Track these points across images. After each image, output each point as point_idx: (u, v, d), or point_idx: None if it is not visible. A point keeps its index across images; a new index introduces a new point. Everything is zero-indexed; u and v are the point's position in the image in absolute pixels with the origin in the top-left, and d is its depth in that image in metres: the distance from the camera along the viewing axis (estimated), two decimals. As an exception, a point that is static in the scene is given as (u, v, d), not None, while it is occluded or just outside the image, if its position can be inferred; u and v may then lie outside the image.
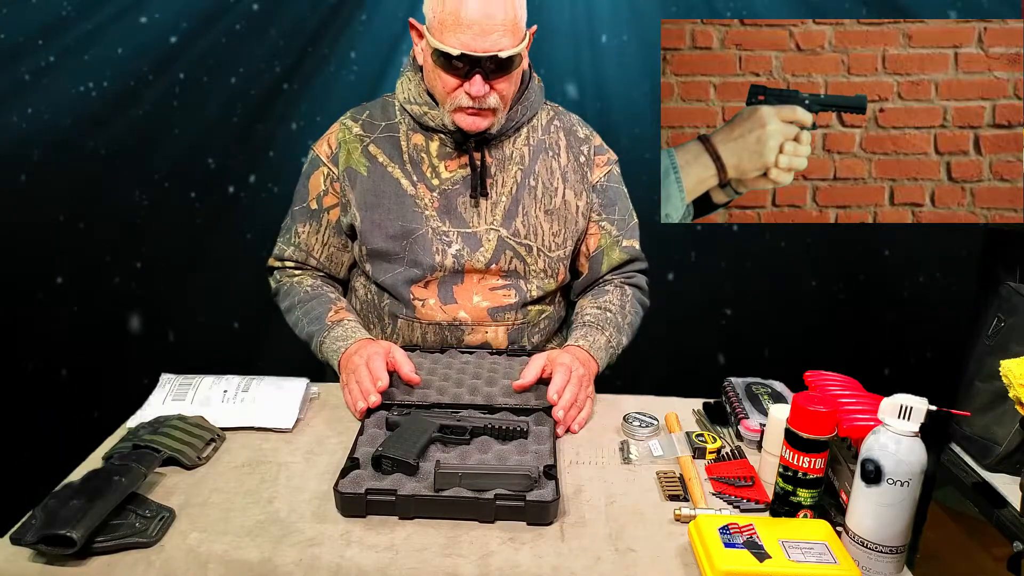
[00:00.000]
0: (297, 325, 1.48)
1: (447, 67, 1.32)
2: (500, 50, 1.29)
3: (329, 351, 1.40)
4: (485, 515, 1.01)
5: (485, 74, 1.31)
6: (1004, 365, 1.24)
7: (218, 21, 2.30)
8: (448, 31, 1.28)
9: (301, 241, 1.51)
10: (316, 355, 1.46)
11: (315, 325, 1.43)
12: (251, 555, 0.94)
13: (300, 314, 1.47)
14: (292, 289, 1.51)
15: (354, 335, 1.39)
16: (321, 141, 1.50)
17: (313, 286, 1.51)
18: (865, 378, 1.18)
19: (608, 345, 1.43)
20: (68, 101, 2.26)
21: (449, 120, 1.38)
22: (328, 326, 1.42)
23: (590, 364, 1.37)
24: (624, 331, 1.48)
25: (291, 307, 1.49)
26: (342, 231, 1.51)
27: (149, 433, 1.14)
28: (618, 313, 1.48)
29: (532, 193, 1.46)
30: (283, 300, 1.53)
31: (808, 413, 0.97)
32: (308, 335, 1.45)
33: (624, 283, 1.55)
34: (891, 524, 0.91)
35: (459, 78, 1.32)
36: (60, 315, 2.36)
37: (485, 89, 1.32)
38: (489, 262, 1.44)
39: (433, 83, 1.38)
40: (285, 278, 1.54)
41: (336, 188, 1.48)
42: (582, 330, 1.43)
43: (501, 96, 1.36)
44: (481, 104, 1.34)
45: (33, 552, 0.92)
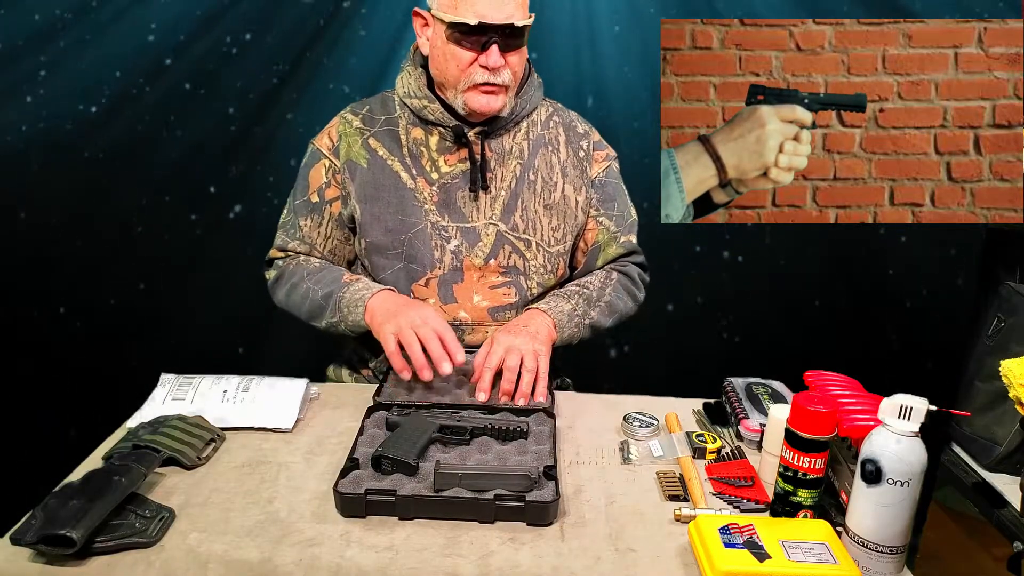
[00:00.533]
0: (308, 295, 1.43)
1: (463, 41, 1.33)
2: (515, 20, 1.31)
3: (351, 303, 1.36)
4: (485, 516, 1.01)
5: (501, 45, 1.33)
6: (1004, 365, 1.23)
7: (217, 22, 2.30)
8: (462, 4, 1.30)
9: (304, 234, 1.50)
10: (327, 318, 1.41)
11: (331, 286, 1.40)
12: (251, 555, 0.94)
13: (311, 284, 1.43)
14: (299, 266, 1.48)
15: (376, 286, 1.38)
16: (321, 135, 1.50)
17: (323, 262, 1.49)
18: (865, 378, 1.18)
19: (573, 313, 1.42)
20: (68, 104, 2.26)
21: (461, 103, 1.38)
22: (346, 283, 1.40)
23: (535, 320, 1.37)
24: (597, 306, 1.47)
25: (299, 281, 1.45)
26: (344, 224, 1.50)
27: (149, 433, 1.14)
28: (594, 290, 1.48)
29: (531, 187, 1.46)
30: (288, 279, 1.48)
31: (808, 413, 0.97)
32: (323, 296, 1.40)
33: (613, 269, 1.55)
34: (891, 524, 0.91)
35: (475, 51, 1.33)
36: (60, 315, 2.36)
37: (501, 60, 1.34)
38: (488, 257, 1.44)
39: (444, 66, 1.37)
40: (288, 260, 1.51)
41: (338, 180, 1.47)
42: (547, 298, 1.44)
43: (513, 73, 1.37)
44: (496, 78, 1.35)
45: (33, 552, 0.92)
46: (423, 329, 1.26)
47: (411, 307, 1.32)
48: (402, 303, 1.35)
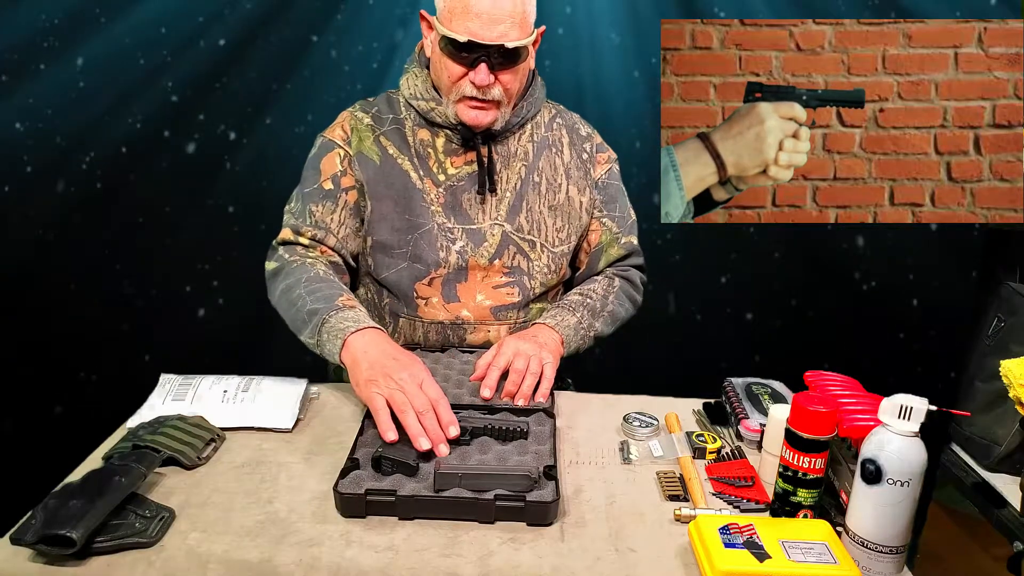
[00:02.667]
0: (297, 302, 1.31)
1: (454, 55, 1.32)
2: (507, 40, 1.30)
3: (335, 328, 1.24)
4: (485, 516, 1.01)
5: (491, 64, 1.32)
6: (1004, 365, 1.24)
7: (217, 23, 2.30)
8: (457, 18, 1.29)
9: (317, 219, 1.42)
10: (305, 336, 1.30)
11: (322, 303, 1.28)
12: (251, 555, 0.94)
13: (304, 291, 1.32)
14: (301, 268, 1.37)
15: (367, 321, 1.26)
16: (332, 128, 1.48)
17: (326, 272, 1.38)
18: (865, 378, 1.18)
19: (579, 326, 1.43)
20: (67, 102, 2.26)
21: (452, 112, 1.38)
22: (338, 307, 1.27)
23: (543, 333, 1.37)
24: (601, 317, 1.48)
25: (294, 284, 1.34)
26: (358, 213, 1.46)
27: (149, 433, 1.14)
28: (597, 300, 1.48)
29: (536, 189, 1.47)
30: (285, 279, 1.37)
31: (808, 413, 0.97)
32: (309, 312, 1.28)
33: (615, 275, 1.56)
34: (891, 524, 0.91)
35: (465, 67, 1.33)
36: (60, 315, 2.36)
37: (489, 79, 1.33)
38: (492, 257, 1.45)
39: (439, 74, 1.38)
40: (294, 256, 1.40)
41: (353, 169, 1.45)
42: (553, 311, 1.44)
43: (505, 90, 1.36)
44: (484, 95, 1.34)
45: (33, 552, 0.92)
46: (418, 399, 1.12)
47: (401, 365, 1.16)
48: (390, 355, 1.18)
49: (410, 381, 1.14)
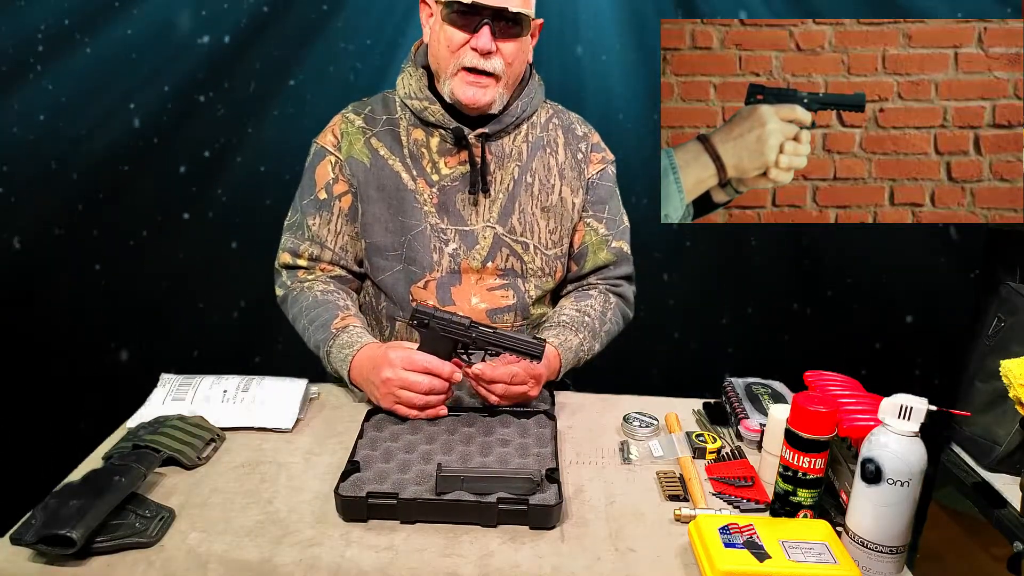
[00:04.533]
0: (305, 334, 1.41)
1: (456, 21, 1.32)
2: (511, 5, 1.30)
3: (336, 360, 1.33)
4: (487, 519, 1.00)
5: (493, 30, 1.31)
6: (1004, 365, 1.24)
7: (217, 23, 2.30)
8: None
9: (313, 233, 1.46)
10: (327, 368, 1.39)
11: (321, 333, 1.37)
12: (251, 555, 0.94)
13: (306, 323, 1.40)
14: (301, 296, 1.44)
15: (359, 340, 1.32)
16: (324, 133, 1.49)
17: (323, 291, 1.43)
18: (865, 378, 1.18)
19: (579, 348, 1.42)
20: (67, 102, 2.26)
21: (449, 90, 1.37)
22: (333, 333, 1.35)
23: (552, 364, 1.36)
24: (599, 338, 1.47)
25: (298, 315, 1.43)
26: (355, 218, 1.47)
27: (149, 433, 1.14)
28: (597, 319, 1.48)
29: (528, 190, 1.46)
30: (291, 308, 1.45)
31: (808, 413, 0.97)
32: (315, 346, 1.38)
33: (610, 291, 1.54)
34: (891, 524, 0.91)
35: (467, 32, 1.32)
36: (60, 315, 2.36)
37: (492, 45, 1.32)
38: (485, 259, 1.44)
39: (438, 50, 1.37)
40: (295, 283, 1.46)
41: (344, 175, 1.45)
42: (556, 329, 1.43)
43: (507, 64, 1.35)
44: (486, 63, 1.33)
45: (33, 552, 0.92)
46: (414, 401, 1.23)
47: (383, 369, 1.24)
48: (373, 368, 1.26)
49: (395, 380, 1.23)
